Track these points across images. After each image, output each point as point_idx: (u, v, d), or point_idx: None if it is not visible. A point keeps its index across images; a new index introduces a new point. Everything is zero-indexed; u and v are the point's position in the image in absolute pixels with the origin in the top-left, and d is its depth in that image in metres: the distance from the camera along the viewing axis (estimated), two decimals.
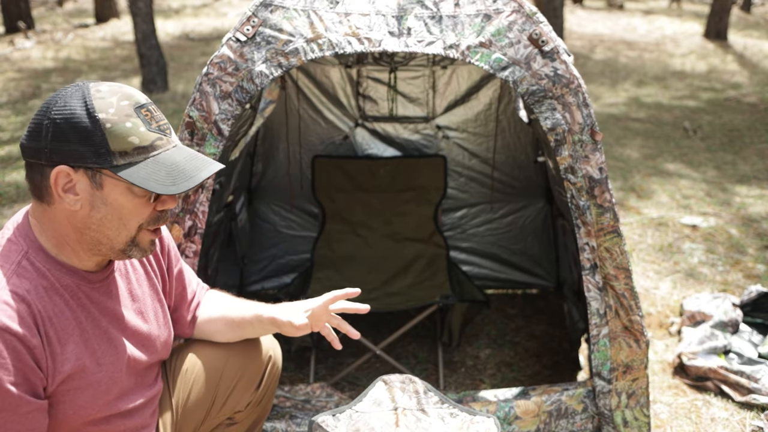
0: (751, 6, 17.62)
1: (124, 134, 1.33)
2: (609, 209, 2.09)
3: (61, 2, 17.41)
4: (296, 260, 3.53)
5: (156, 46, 7.89)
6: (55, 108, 1.33)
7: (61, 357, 1.38)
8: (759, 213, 4.72)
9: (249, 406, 1.86)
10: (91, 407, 1.45)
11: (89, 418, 1.46)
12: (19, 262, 1.36)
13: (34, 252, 1.39)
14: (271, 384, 1.90)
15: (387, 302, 3.10)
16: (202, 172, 1.41)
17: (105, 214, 1.37)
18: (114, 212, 1.38)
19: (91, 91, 1.34)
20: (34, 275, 1.37)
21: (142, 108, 1.37)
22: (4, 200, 4.89)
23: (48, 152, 1.32)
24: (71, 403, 1.41)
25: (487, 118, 3.45)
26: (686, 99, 8.33)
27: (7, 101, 7.79)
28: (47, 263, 1.40)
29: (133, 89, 1.41)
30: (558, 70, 2.00)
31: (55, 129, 1.32)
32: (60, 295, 1.40)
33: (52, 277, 1.39)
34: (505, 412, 2.15)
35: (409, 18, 1.99)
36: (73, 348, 1.40)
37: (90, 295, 1.46)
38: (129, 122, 1.34)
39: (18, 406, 1.29)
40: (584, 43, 12.30)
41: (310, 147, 3.53)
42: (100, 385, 1.45)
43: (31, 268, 1.37)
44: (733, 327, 3.04)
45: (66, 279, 1.42)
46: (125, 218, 1.39)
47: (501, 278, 3.60)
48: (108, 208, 1.37)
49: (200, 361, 1.79)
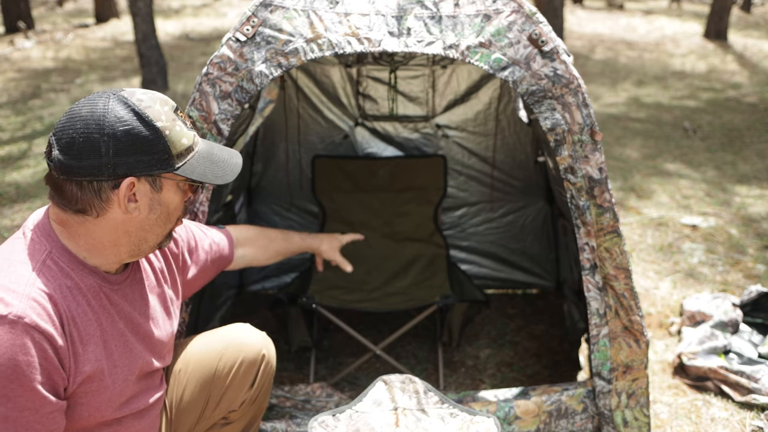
0: (751, 6, 17.63)
1: (178, 137, 1.42)
2: (609, 209, 2.09)
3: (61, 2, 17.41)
4: (296, 260, 3.53)
5: (156, 46, 7.89)
6: (106, 123, 1.33)
7: (82, 358, 1.38)
8: (759, 213, 4.72)
9: (243, 405, 1.87)
10: (105, 409, 1.45)
11: (102, 420, 1.46)
12: (44, 261, 1.37)
13: (58, 252, 1.39)
14: (265, 382, 1.90)
15: (387, 302, 3.10)
16: (234, 158, 1.55)
17: (159, 213, 1.45)
18: (165, 210, 1.45)
19: (134, 101, 1.37)
20: (58, 275, 1.37)
21: (177, 110, 1.46)
22: (4, 200, 4.89)
23: (112, 167, 1.34)
24: (87, 405, 1.41)
25: (486, 118, 3.46)
26: (686, 99, 8.33)
27: (7, 101, 7.79)
28: (70, 263, 1.40)
29: (159, 93, 1.49)
30: (558, 70, 2.00)
31: (117, 144, 1.33)
32: (83, 295, 1.41)
33: (76, 277, 1.40)
34: (505, 412, 2.15)
35: (408, 18, 1.99)
36: (93, 349, 1.41)
37: (110, 297, 1.47)
38: (177, 126, 1.42)
39: (41, 405, 1.29)
40: (584, 43, 12.30)
41: (309, 146, 3.53)
42: (115, 387, 1.46)
43: (55, 267, 1.37)
44: (733, 327, 3.04)
45: (89, 279, 1.42)
46: (172, 214, 1.48)
47: (501, 278, 3.60)
48: (162, 208, 1.45)
49: (192, 361, 1.80)
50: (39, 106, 7.55)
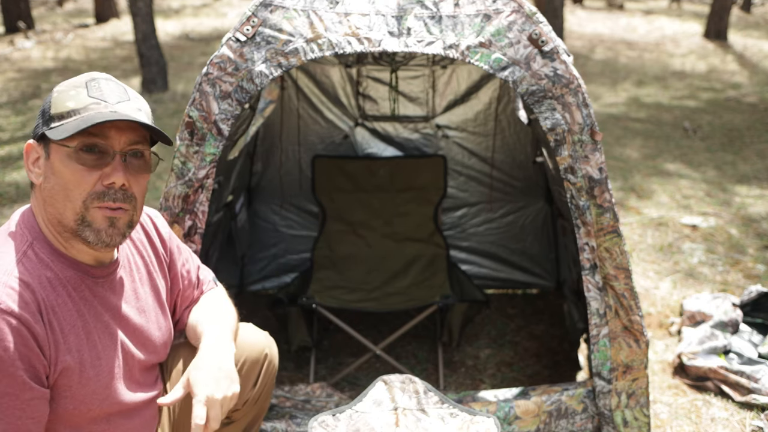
0: (751, 6, 17.62)
1: (64, 99, 1.40)
2: (609, 209, 2.09)
3: (61, 2, 17.41)
4: (296, 260, 3.53)
5: (156, 46, 7.89)
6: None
7: (63, 346, 1.38)
8: (759, 213, 4.72)
9: (246, 405, 1.86)
10: (91, 402, 1.45)
11: (90, 415, 1.46)
12: (24, 252, 1.39)
13: (39, 243, 1.41)
14: (268, 382, 1.90)
15: (387, 302, 3.10)
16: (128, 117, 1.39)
17: (53, 184, 1.40)
18: (59, 182, 1.39)
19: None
20: (38, 266, 1.39)
21: (94, 81, 1.43)
22: (4, 200, 4.89)
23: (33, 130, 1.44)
24: (72, 398, 1.41)
25: (486, 118, 3.46)
26: (686, 99, 8.33)
27: (7, 101, 7.80)
28: (51, 255, 1.41)
29: (113, 79, 1.47)
30: (558, 70, 2.00)
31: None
32: (63, 286, 1.41)
33: (56, 269, 1.41)
34: (505, 412, 2.15)
35: (408, 18, 1.99)
36: (74, 339, 1.41)
37: (93, 290, 1.47)
38: (74, 91, 1.41)
39: (21, 391, 1.29)
40: (584, 43, 12.29)
41: (309, 146, 3.53)
42: (100, 380, 1.46)
43: (35, 258, 1.39)
44: (733, 327, 3.04)
45: (69, 272, 1.43)
46: (68, 189, 1.39)
47: (501, 278, 3.60)
48: (55, 179, 1.40)
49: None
50: (39, 106, 7.53)
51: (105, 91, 1.42)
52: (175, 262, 1.76)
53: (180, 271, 1.78)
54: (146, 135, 1.47)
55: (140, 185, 1.47)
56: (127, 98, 1.44)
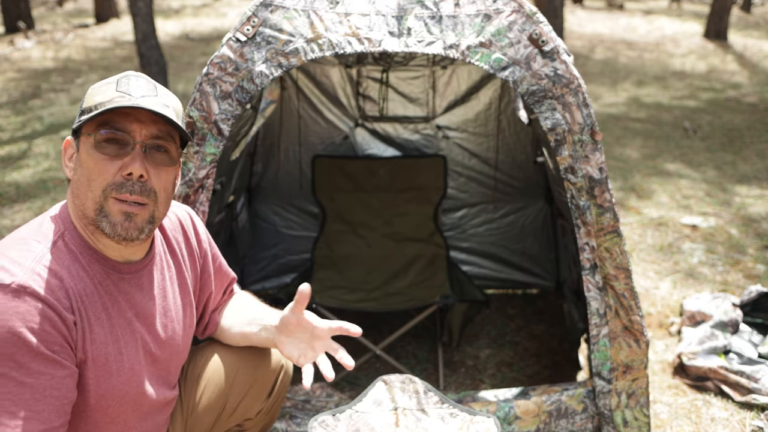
0: (751, 6, 17.63)
1: (94, 95, 1.43)
2: (609, 209, 2.09)
3: (61, 2, 17.41)
4: (296, 260, 3.53)
5: (156, 46, 7.89)
6: None
7: (89, 336, 1.39)
8: (759, 213, 4.72)
9: (259, 414, 1.86)
10: (111, 398, 1.44)
11: (109, 412, 1.45)
12: (55, 242, 1.40)
13: (70, 234, 1.43)
14: (281, 392, 1.89)
15: (387, 302, 3.10)
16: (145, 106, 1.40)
17: (80, 175, 1.42)
18: (84, 173, 1.41)
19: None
20: (67, 256, 1.40)
21: (125, 77, 1.45)
22: (4, 200, 4.89)
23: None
24: (94, 392, 1.41)
25: (487, 118, 3.46)
26: (686, 99, 8.33)
27: (7, 101, 7.80)
28: (80, 247, 1.43)
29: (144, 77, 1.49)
30: (558, 70, 2.00)
31: None
32: (91, 278, 1.42)
33: (84, 261, 1.42)
34: (505, 412, 2.15)
35: (409, 18, 1.99)
36: (100, 331, 1.41)
37: (118, 285, 1.47)
38: (104, 87, 1.44)
39: (55, 369, 1.30)
40: (584, 43, 12.30)
41: (310, 147, 3.53)
42: (121, 375, 1.45)
43: (65, 249, 1.41)
44: (733, 327, 3.04)
45: (96, 265, 1.44)
46: (91, 178, 1.40)
47: (501, 278, 3.60)
48: (81, 170, 1.42)
49: (212, 366, 1.78)
50: (39, 106, 7.55)
51: (132, 86, 1.44)
52: (208, 264, 1.76)
53: (213, 275, 1.78)
54: (173, 132, 1.47)
55: (162, 180, 1.45)
56: (155, 94, 1.45)
